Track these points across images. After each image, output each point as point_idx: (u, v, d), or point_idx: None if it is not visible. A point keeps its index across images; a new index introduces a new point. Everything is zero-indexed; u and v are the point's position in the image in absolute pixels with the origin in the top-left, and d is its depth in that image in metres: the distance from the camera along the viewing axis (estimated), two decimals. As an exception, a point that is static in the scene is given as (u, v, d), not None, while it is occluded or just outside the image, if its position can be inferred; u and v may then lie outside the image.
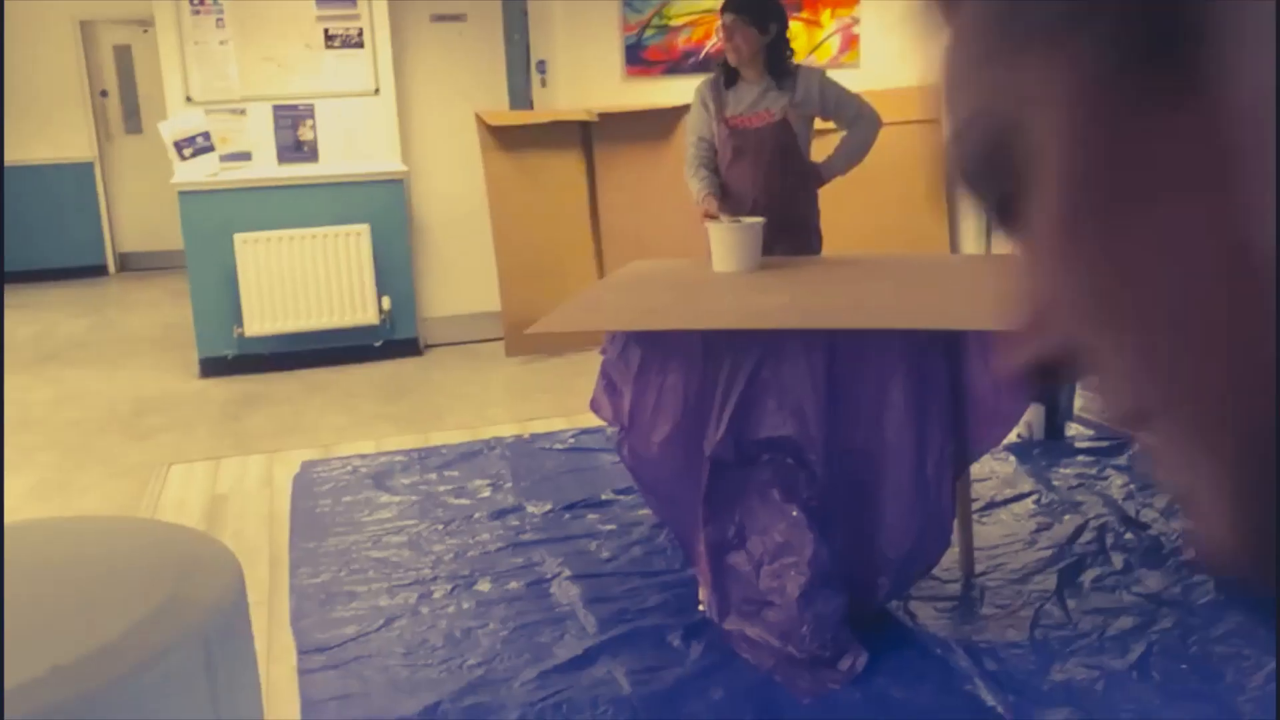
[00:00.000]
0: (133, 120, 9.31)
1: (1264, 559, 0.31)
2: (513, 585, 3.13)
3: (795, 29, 6.32)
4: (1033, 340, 0.36)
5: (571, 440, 4.36)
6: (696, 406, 2.73)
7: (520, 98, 6.28)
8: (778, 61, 3.57)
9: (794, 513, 2.66)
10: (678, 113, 5.91)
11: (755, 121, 3.62)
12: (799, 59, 3.73)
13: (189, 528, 1.62)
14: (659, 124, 5.92)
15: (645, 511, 3.59)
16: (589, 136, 5.86)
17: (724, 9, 3.59)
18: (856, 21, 6.54)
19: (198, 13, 5.44)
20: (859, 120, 3.66)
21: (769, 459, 2.70)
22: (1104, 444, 4.04)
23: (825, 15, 6.47)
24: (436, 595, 3.09)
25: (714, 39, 6.31)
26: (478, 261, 5.89)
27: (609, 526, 3.52)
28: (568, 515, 3.62)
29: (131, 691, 1.17)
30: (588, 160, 5.88)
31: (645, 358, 2.77)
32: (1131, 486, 3.63)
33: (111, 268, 9.41)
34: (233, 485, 4.11)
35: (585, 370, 5.28)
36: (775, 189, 3.67)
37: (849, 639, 2.63)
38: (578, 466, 4.09)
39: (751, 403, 2.69)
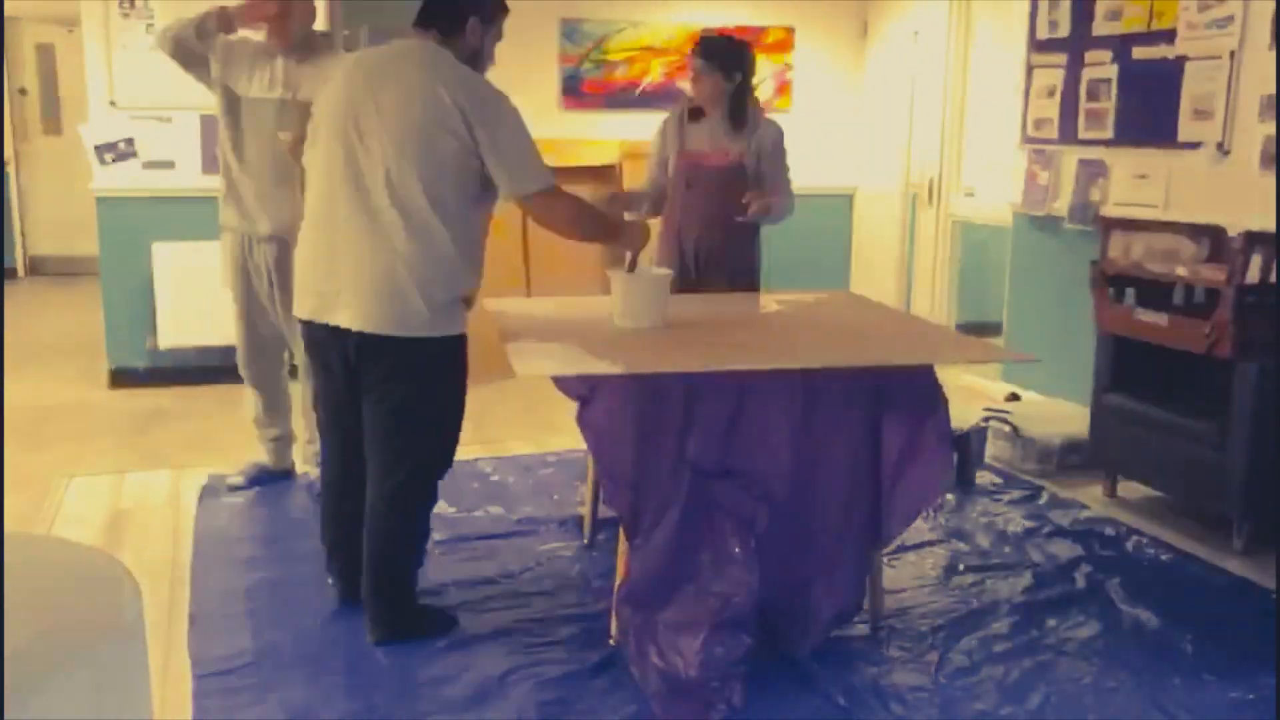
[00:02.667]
0: (51, 121, 9.08)
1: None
2: (421, 613, 3.08)
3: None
4: None
5: (488, 469, 4.32)
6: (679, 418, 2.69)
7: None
8: (739, 109, 3.75)
9: (735, 549, 2.65)
10: (616, 149, 5.97)
11: (712, 160, 3.77)
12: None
13: (85, 544, 1.57)
14: (596, 160, 5.96)
15: (559, 543, 3.57)
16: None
17: (694, 53, 3.78)
18: (789, 68, 6.67)
19: (126, 15, 5.33)
20: (782, 195, 3.79)
21: (735, 486, 2.68)
22: (1015, 494, 4.14)
23: (759, 60, 6.58)
24: (340, 620, 3.02)
25: (648, 76, 6.40)
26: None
27: (521, 557, 3.49)
28: (479, 544, 3.58)
29: (15, 715, 1.12)
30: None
31: (626, 397, 2.74)
32: (1038, 534, 3.71)
33: (21, 271, 9.14)
34: (137, 500, 3.99)
35: (503, 399, 5.24)
36: (721, 226, 3.77)
37: (735, 675, 2.57)
38: (493, 496, 4.05)
39: (727, 432, 2.67)
